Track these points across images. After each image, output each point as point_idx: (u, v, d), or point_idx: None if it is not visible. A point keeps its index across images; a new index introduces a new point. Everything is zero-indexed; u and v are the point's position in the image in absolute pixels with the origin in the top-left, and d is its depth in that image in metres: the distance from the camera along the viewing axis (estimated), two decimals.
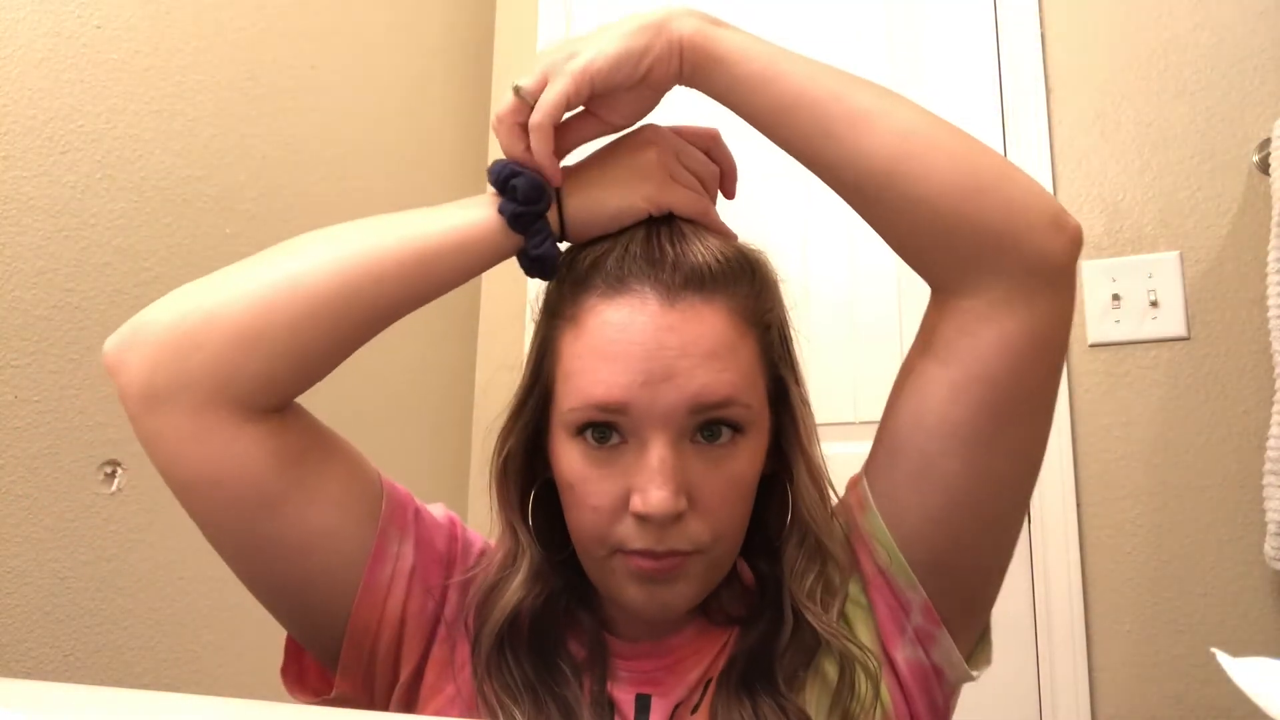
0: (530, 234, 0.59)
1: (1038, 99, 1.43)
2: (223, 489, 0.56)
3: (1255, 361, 1.23)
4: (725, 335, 0.57)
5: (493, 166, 0.60)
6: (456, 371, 1.74)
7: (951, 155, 0.57)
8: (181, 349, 0.55)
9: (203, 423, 0.55)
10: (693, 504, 0.56)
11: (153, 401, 0.55)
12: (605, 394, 0.55)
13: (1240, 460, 1.22)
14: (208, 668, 1.14)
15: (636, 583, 0.57)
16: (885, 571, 0.61)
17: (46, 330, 1.01)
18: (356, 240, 0.59)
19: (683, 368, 0.55)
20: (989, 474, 0.59)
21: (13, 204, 0.98)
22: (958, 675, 0.62)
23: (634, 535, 0.56)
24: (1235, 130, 1.29)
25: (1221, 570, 1.22)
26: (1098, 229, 1.37)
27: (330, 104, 1.45)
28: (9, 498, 0.96)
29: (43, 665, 0.96)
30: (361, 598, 0.61)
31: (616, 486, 0.56)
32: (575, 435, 0.58)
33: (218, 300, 0.57)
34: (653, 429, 0.55)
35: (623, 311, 0.56)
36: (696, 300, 0.57)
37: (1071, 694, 1.25)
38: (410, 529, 0.64)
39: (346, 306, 0.57)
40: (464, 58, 1.85)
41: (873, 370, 1.47)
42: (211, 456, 0.55)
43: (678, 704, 0.60)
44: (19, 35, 1.00)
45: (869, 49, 1.59)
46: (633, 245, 0.59)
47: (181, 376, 0.55)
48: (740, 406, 0.57)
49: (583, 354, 0.57)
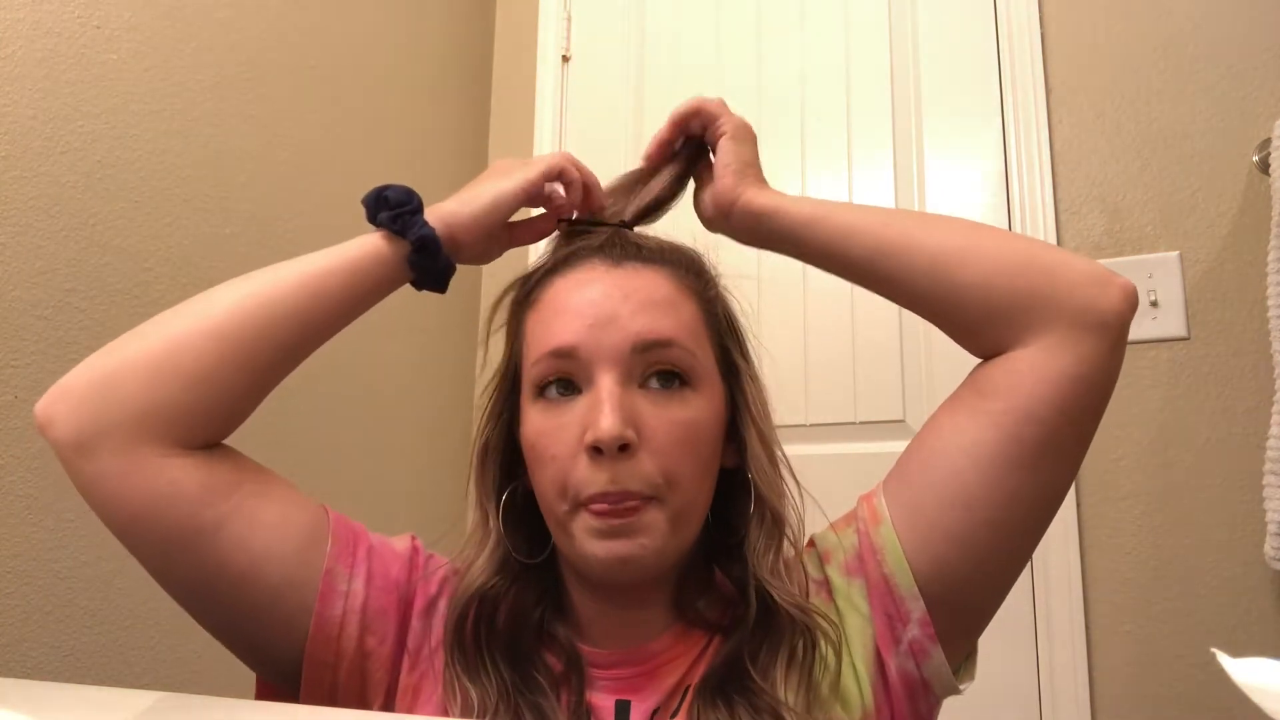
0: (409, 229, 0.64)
1: (1038, 99, 1.43)
2: (159, 521, 0.59)
3: (1255, 361, 1.23)
4: (667, 291, 0.63)
5: (364, 199, 0.66)
6: (456, 371, 1.74)
7: (994, 243, 0.65)
8: (101, 393, 0.59)
9: (130, 460, 0.58)
10: (644, 441, 0.58)
11: (83, 448, 0.58)
12: (558, 339, 0.60)
13: (1240, 460, 1.22)
14: (208, 668, 1.14)
15: (598, 537, 0.58)
16: (889, 579, 0.62)
17: (46, 330, 1.01)
18: (257, 280, 0.63)
19: (626, 311, 0.60)
20: (1013, 501, 0.61)
21: (13, 204, 0.98)
22: (944, 689, 0.64)
23: (589, 478, 0.58)
24: (1235, 130, 1.29)
25: (1221, 570, 1.22)
26: (1098, 229, 1.37)
27: (330, 104, 1.45)
28: (9, 498, 0.96)
29: (43, 665, 0.96)
30: (314, 635, 0.61)
31: (572, 431, 0.59)
32: (537, 398, 0.62)
33: (131, 347, 0.61)
34: (601, 368, 0.59)
35: (573, 279, 0.63)
36: (639, 264, 0.64)
37: (1071, 694, 1.25)
38: (361, 564, 0.64)
39: (252, 341, 0.61)
40: (464, 58, 1.85)
41: (873, 370, 1.47)
42: (143, 490, 0.58)
43: (655, 709, 0.61)
44: (19, 35, 1.00)
45: (869, 50, 1.59)
46: (587, 241, 0.66)
47: (104, 418, 0.58)
48: (682, 349, 0.61)
49: (540, 318, 0.63)
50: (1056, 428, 0.60)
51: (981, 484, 0.60)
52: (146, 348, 0.60)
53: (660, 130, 0.73)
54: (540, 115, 1.82)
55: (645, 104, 1.75)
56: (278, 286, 0.62)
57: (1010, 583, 0.65)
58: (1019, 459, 0.60)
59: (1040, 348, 0.60)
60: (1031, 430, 0.60)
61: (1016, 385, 0.61)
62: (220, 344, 0.60)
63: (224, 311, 0.61)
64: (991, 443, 0.60)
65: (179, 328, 0.61)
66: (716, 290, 0.69)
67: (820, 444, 1.46)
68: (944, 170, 1.50)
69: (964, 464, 0.61)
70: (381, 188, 0.65)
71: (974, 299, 0.63)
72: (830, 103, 1.60)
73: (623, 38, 1.81)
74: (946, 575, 0.61)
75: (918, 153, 1.52)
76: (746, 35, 1.68)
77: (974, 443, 0.61)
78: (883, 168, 1.54)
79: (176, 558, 0.60)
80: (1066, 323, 0.60)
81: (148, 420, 0.58)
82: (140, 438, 0.58)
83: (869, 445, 1.43)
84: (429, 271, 0.66)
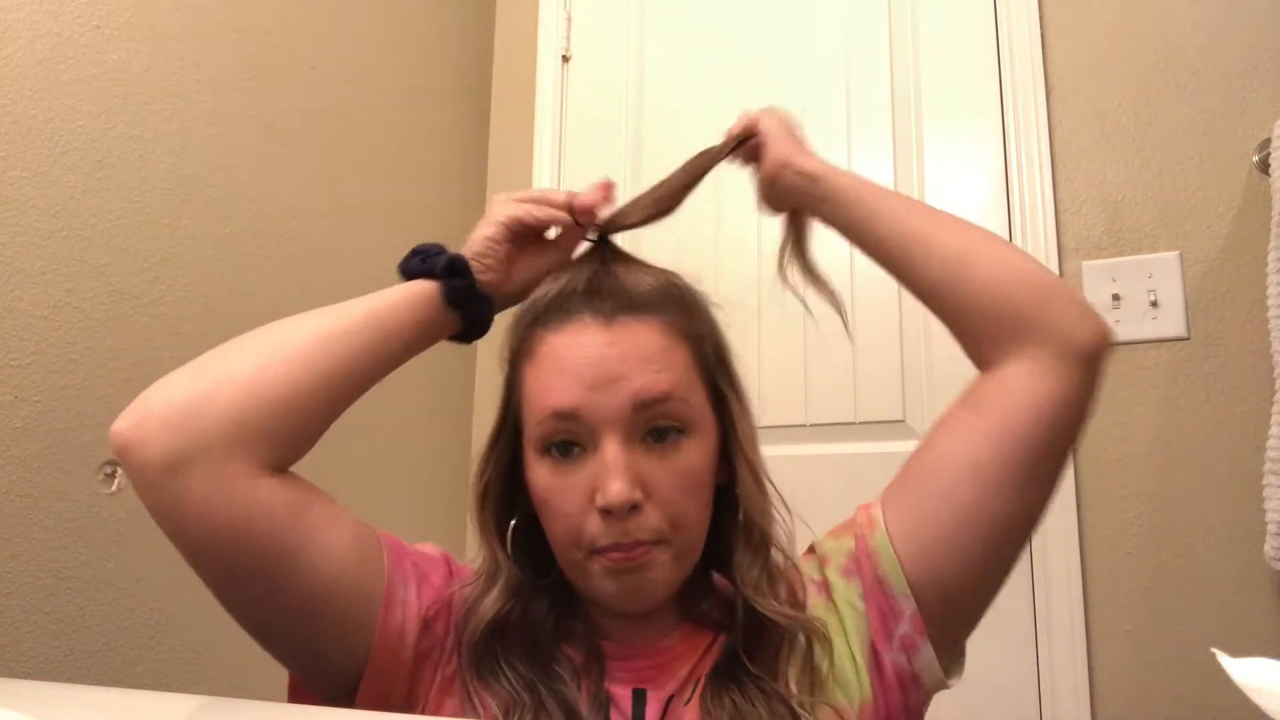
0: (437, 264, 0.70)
1: (1038, 99, 1.43)
2: (247, 542, 0.60)
3: (1255, 361, 1.23)
4: (659, 343, 0.65)
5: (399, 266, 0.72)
6: (457, 373, 1.74)
7: (1006, 253, 0.72)
8: (196, 412, 0.59)
9: (224, 478, 0.59)
10: (648, 495, 0.62)
11: (175, 467, 0.58)
12: (559, 401, 0.63)
13: (1240, 460, 1.22)
14: (208, 668, 1.14)
15: (611, 577, 0.63)
16: (883, 580, 0.67)
17: (46, 330, 1.01)
18: (327, 316, 0.67)
19: (623, 372, 0.63)
20: (1002, 510, 0.66)
21: (13, 204, 0.98)
22: (934, 683, 0.68)
23: (602, 532, 0.62)
24: (1235, 130, 1.29)
25: (1221, 570, 1.22)
26: (1098, 229, 1.37)
27: (330, 104, 1.45)
28: (9, 498, 0.96)
29: (43, 665, 0.96)
30: (379, 645, 0.64)
31: (581, 491, 0.63)
32: (543, 455, 0.65)
33: (220, 365, 0.63)
34: (604, 430, 0.63)
35: (568, 336, 0.65)
36: (630, 319, 0.66)
37: (1071, 694, 1.25)
38: (411, 573, 0.68)
39: (330, 365, 0.65)
40: (464, 58, 1.85)
41: (872, 372, 1.47)
42: (233, 510, 0.59)
43: (670, 697, 0.65)
44: (19, 35, 1.00)
45: (869, 50, 1.59)
46: (572, 282, 0.68)
47: (200, 435, 0.59)
48: (679, 402, 0.64)
49: (539, 376, 0.66)
50: (1040, 443, 0.66)
51: (976, 496, 0.66)
52: (241, 368, 0.62)
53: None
54: (540, 115, 1.82)
55: (645, 104, 1.75)
56: (349, 319, 0.67)
57: (998, 588, 0.70)
58: (1008, 472, 0.66)
59: (1031, 367, 0.67)
60: (1019, 451, 0.66)
61: (1007, 403, 0.67)
62: (305, 370, 0.63)
63: (306, 339, 0.64)
64: (985, 459, 0.66)
65: (267, 353, 0.63)
66: (704, 321, 0.71)
67: (820, 444, 1.46)
68: (944, 170, 1.50)
69: (962, 479, 0.67)
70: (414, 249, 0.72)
71: (984, 299, 0.69)
72: (830, 102, 1.60)
73: (623, 38, 1.81)
74: (939, 580, 0.67)
75: (918, 152, 1.52)
76: (747, 35, 1.68)
77: (970, 459, 0.67)
78: (883, 167, 1.53)
79: (259, 578, 0.61)
80: (1057, 345, 0.67)
81: (240, 440, 0.60)
82: (232, 457, 0.59)
83: (869, 445, 1.43)
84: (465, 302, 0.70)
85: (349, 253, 1.44)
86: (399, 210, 1.59)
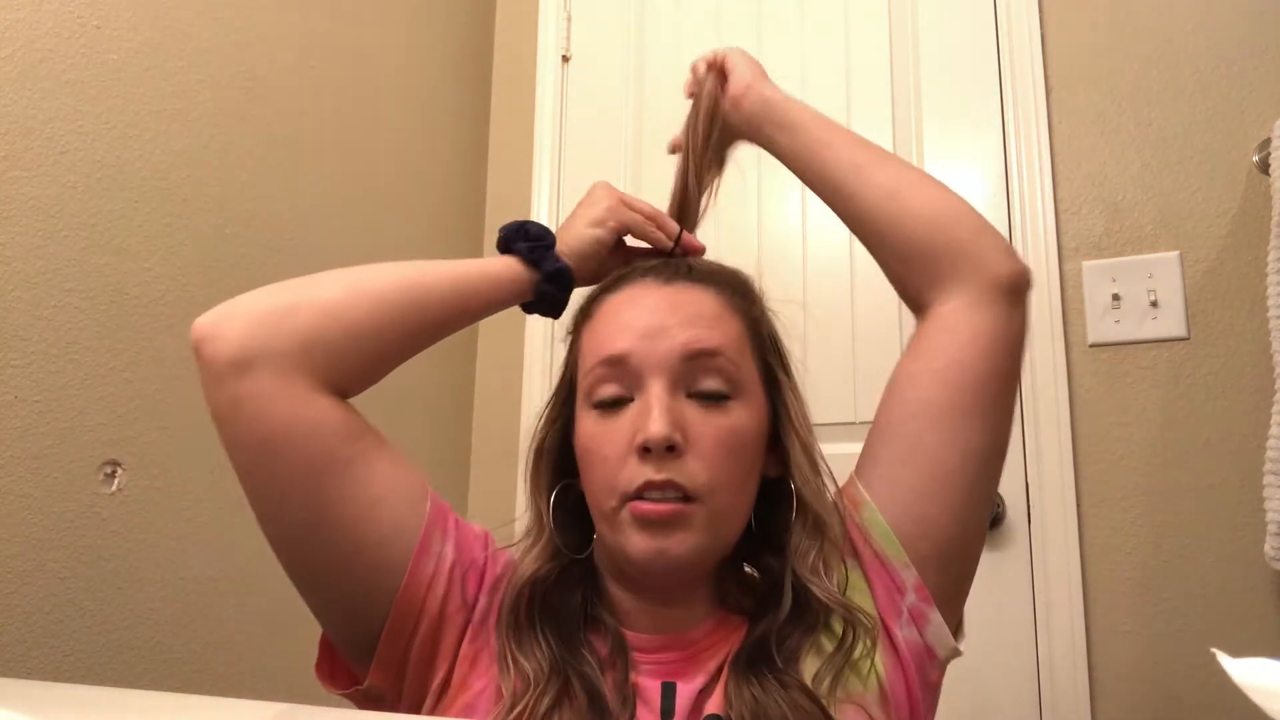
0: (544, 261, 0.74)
1: (1038, 99, 1.43)
2: (299, 448, 0.62)
3: (1255, 361, 1.23)
4: (713, 307, 0.69)
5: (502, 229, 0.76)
6: (457, 372, 1.74)
7: (935, 189, 0.76)
8: (275, 318, 0.64)
9: (286, 385, 0.62)
10: (690, 445, 0.63)
11: (243, 365, 0.62)
12: (610, 347, 0.66)
13: (1240, 460, 1.22)
14: (208, 668, 1.14)
15: (641, 530, 0.63)
16: (881, 555, 0.68)
17: (46, 330, 1.01)
18: (415, 267, 0.72)
19: (675, 323, 0.66)
20: (966, 446, 0.69)
21: (13, 204, 0.99)
22: (947, 652, 0.69)
23: (638, 471, 0.63)
24: (1235, 130, 1.29)
25: (1221, 570, 1.22)
26: (1098, 229, 1.37)
27: (330, 104, 1.45)
28: (9, 498, 0.96)
29: (43, 665, 0.96)
30: (405, 587, 0.65)
31: (624, 436, 0.64)
32: (592, 406, 0.67)
33: (306, 289, 0.67)
34: (651, 374, 0.64)
35: (626, 295, 0.70)
36: (689, 284, 0.70)
37: (1071, 694, 1.25)
38: (451, 532, 0.69)
39: (406, 310, 0.69)
40: (464, 58, 1.85)
41: (873, 370, 1.47)
42: (293, 414, 0.62)
43: (700, 690, 0.65)
44: (19, 35, 1.00)
45: (869, 49, 1.59)
46: (643, 264, 0.74)
47: (273, 341, 0.63)
48: (728, 360, 0.66)
49: (595, 331, 0.70)
50: (987, 376, 0.69)
51: (939, 439, 0.68)
52: (323, 294, 0.66)
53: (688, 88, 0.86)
54: (540, 115, 1.82)
55: (645, 104, 1.75)
56: (433, 275, 0.71)
57: (984, 525, 0.73)
58: (964, 407, 0.69)
59: (966, 300, 0.70)
60: (967, 377, 0.69)
61: (950, 343, 0.70)
62: (383, 308, 0.67)
63: (391, 283, 0.69)
64: (938, 400, 0.69)
65: (350, 285, 0.67)
66: (762, 310, 0.74)
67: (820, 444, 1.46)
68: (944, 170, 1.50)
69: (920, 425, 0.69)
70: (524, 222, 0.76)
71: (919, 231, 0.73)
72: (830, 102, 1.59)
73: (623, 38, 1.81)
74: (930, 532, 0.68)
75: (917, 152, 1.52)
76: (747, 34, 1.68)
77: (924, 402, 0.69)
78: None
79: (306, 486, 0.63)
80: (987, 279, 0.70)
81: (311, 355, 0.63)
82: (300, 368, 0.63)
83: None
84: (552, 300, 0.75)
85: (349, 252, 1.43)
86: (399, 210, 1.59)
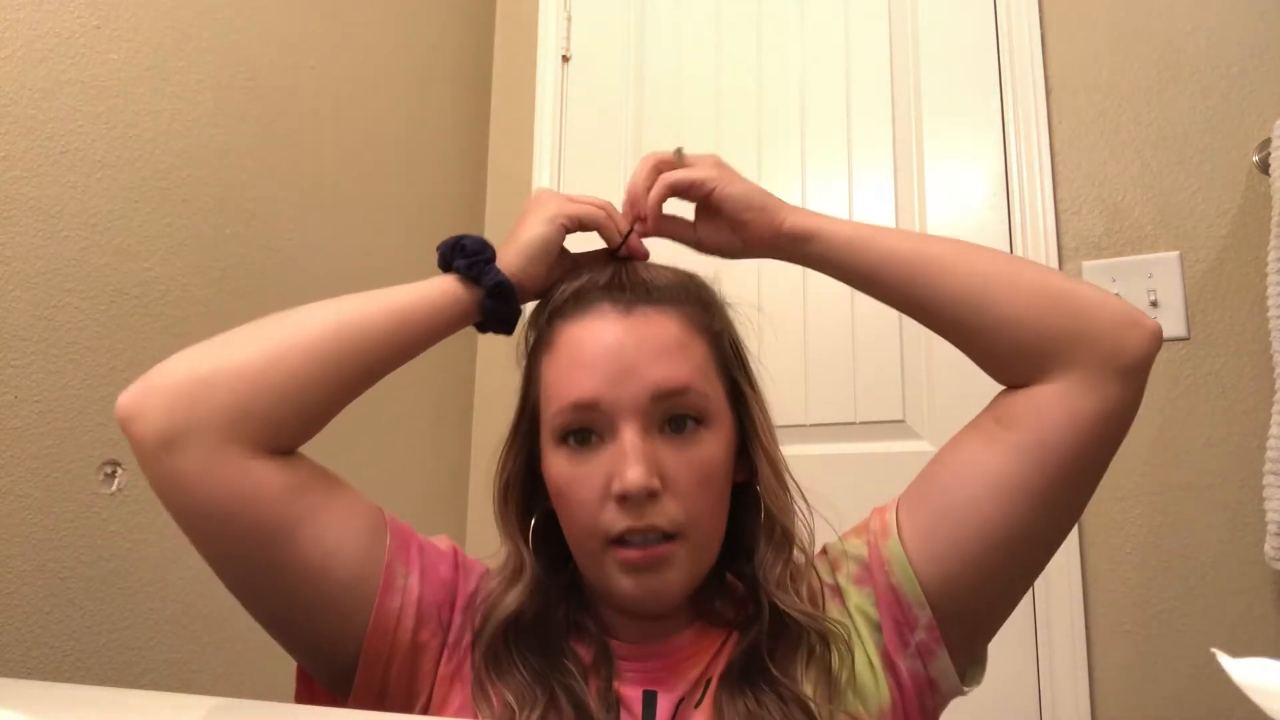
0: (484, 275, 0.68)
1: (1038, 99, 1.43)
2: (239, 519, 0.60)
3: (1255, 361, 1.23)
4: (677, 335, 0.66)
5: (440, 246, 0.71)
6: (456, 372, 1.74)
7: (1029, 278, 0.66)
8: (196, 392, 0.60)
9: (217, 459, 0.59)
10: (667, 485, 0.62)
11: (170, 443, 0.59)
12: (578, 392, 0.63)
13: (1240, 460, 1.22)
14: (208, 668, 1.14)
15: (627, 573, 0.63)
16: (897, 589, 0.66)
17: (46, 330, 1.01)
18: (348, 305, 0.67)
19: (642, 362, 0.63)
20: (1028, 529, 0.64)
21: (13, 204, 0.98)
22: (950, 688, 0.67)
23: (618, 518, 0.62)
24: (1235, 130, 1.29)
25: (1221, 570, 1.22)
26: (1098, 229, 1.37)
27: (330, 104, 1.45)
28: (9, 498, 0.96)
29: (43, 665, 0.96)
30: (374, 628, 0.64)
31: (599, 479, 0.63)
32: (560, 444, 0.65)
33: (228, 352, 0.63)
34: (623, 419, 0.63)
35: (587, 326, 0.66)
36: (648, 310, 0.66)
37: (1071, 694, 1.25)
38: (415, 561, 0.68)
39: (339, 358, 0.64)
40: (464, 58, 1.85)
41: (872, 371, 1.47)
42: (227, 488, 0.60)
43: (681, 699, 0.64)
44: (19, 35, 1.00)
45: (869, 50, 1.59)
46: (593, 277, 0.69)
47: (196, 416, 0.60)
48: (697, 394, 0.64)
49: (558, 367, 0.66)
50: (1074, 461, 0.63)
51: (998, 512, 0.63)
52: (246, 356, 0.62)
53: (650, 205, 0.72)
54: (540, 115, 1.82)
55: (645, 104, 1.75)
56: (367, 314, 0.66)
57: (1018, 598, 0.68)
58: (1036, 490, 0.63)
59: (1066, 385, 0.63)
60: (1050, 462, 0.62)
61: (1039, 419, 0.63)
62: (313, 361, 0.63)
63: (319, 331, 0.64)
64: (1011, 473, 0.63)
65: (277, 341, 0.63)
66: (723, 320, 0.72)
67: (820, 444, 1.46)
68: (944, 170, 1.50)
69: (982, 492, 0.64)
70: (459, 237, 0.70)
71: (1007, 333, 0.65)
72: (830, 102, 1.60)
73: (623, 38, 1.80)
74: (955, 590, 0.65)
75: (918, 152, 1.52)
76: (747, 35, 1.68)
77: (994, 471, 0.64)
78: (883, 167, 1.53)
79: (253, 554, 0.61)
80: (1096, 365, 0.62)
81: (239, 424, 0.60)
82: (229, 439, 0.60)
83: (869, 445, 1.43)
84: (499, 316, 0.70)
85: (349, 253, 1.43)
86: (399, 210, 1.59)
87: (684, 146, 0.74)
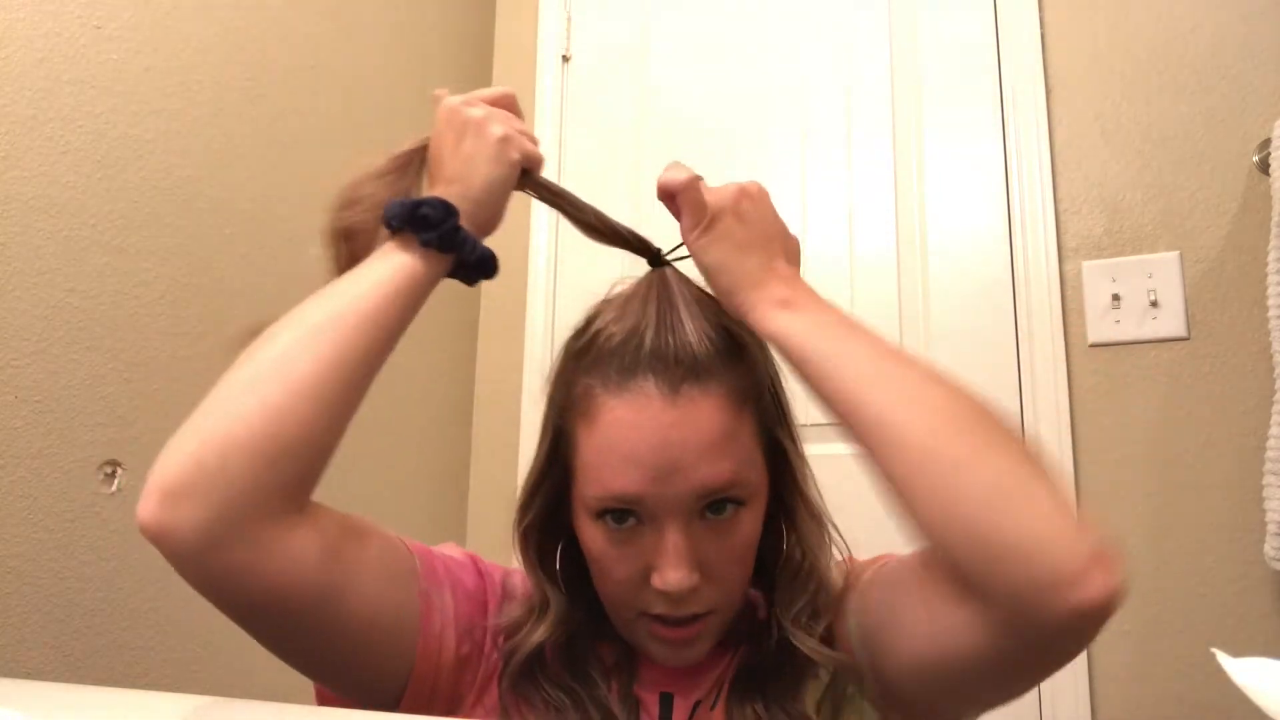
0: (460, 246, 0.65)
1: (1038, 99, 1.43)
2: (291, 600, 0.57)
3: (1255, 361, 1.23)
4: (724, 424, 0.62)
5: (388, 209, 0.66)
6: (457, 373, 1.74)
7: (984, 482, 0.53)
8: (218, 485, 0.54)
9: (259, 546, 0.55)
10: (705, 574, 0.62)
11: (214, 546, 0.54)
12: (622, 488, 0.62)
13: (1240, 460, 1.22)
14: (208, 668, 1.14)
15: (660, 644, 0.65)
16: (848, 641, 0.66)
17: (46, 330, 1.01)
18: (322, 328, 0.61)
19: (688, 461, 0.61)
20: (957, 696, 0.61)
21: (13, 204, 0.98)
22: None
23: (655, 602, 0.63)
24: (1235, 130, 1.29)
25: (1221, 570, 1.22)
26: (1098, 229, 1.37)
27: (330, 104, 1.45)
28: (9, 498, 0.96)
29: (43, 665, 0.96)
30: (420, 656, 0.64)
31: (637, 563, 0.63)
32: (597, 518, 0.64)
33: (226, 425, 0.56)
34: (666, 515, 0.62)
35: (630, 410, 0.62)
36: (694, 392, 0.61)
37: (1071, 694, 1.25)
38: (444, 578, 0.68)
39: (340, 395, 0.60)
40: (464, 58, 1.85)
41: None
42: (273, 572, 0.56)
43: (697, 702, 0.67)
44: (19, 35, 1.00)
45: (870, 50, 1.59)
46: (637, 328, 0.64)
47: (229, 511, 0.54)
48: (740, 485, 0.63)
49: (599, 449, 0.63)
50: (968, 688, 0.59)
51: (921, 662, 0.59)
52: (248, 426, 0.55)
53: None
54: (540, 115, 1.82)
55: (646, 104, 1.74)
56: (344, 331, 0.60)
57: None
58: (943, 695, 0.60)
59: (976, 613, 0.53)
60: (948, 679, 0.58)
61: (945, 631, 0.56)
62: (317, 406, 0.58)
63: (311, 371, 0.58)
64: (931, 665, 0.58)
65: (274, 396, 0.57)
66: (763, 368, 0.67)
67: (820, 444, 1.45)
68: (944, 170, 1.50)
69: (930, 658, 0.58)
70: (416, 202, 0.65)
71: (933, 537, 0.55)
72: (830, 103, 1.60)
73: (623, 38, 1.80)
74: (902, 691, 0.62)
75: (918, 152, 1.52)
76: (747, 35, 1.68)
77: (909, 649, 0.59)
78: (883, 167, 1.53)
79: (303, 624, 0.59)
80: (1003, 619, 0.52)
81: (268, 500, 0.55)
82: (263, 519, 0.55)
83: None
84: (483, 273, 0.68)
85: None
86: None
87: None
